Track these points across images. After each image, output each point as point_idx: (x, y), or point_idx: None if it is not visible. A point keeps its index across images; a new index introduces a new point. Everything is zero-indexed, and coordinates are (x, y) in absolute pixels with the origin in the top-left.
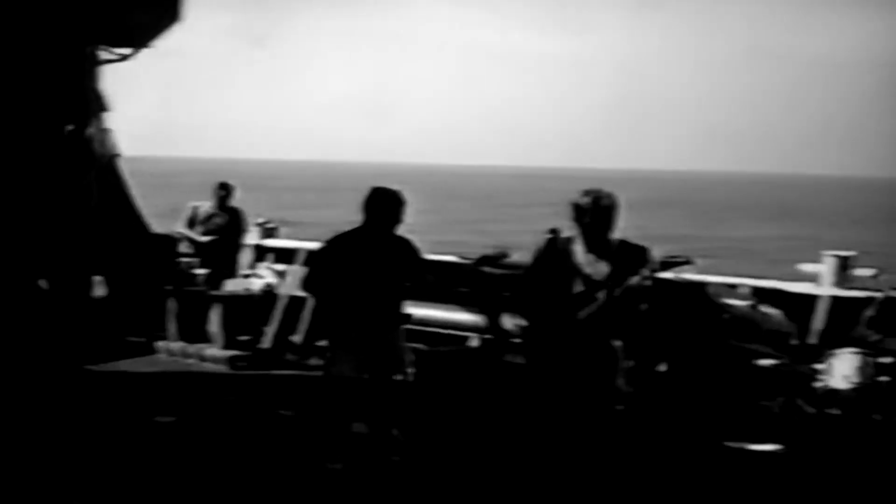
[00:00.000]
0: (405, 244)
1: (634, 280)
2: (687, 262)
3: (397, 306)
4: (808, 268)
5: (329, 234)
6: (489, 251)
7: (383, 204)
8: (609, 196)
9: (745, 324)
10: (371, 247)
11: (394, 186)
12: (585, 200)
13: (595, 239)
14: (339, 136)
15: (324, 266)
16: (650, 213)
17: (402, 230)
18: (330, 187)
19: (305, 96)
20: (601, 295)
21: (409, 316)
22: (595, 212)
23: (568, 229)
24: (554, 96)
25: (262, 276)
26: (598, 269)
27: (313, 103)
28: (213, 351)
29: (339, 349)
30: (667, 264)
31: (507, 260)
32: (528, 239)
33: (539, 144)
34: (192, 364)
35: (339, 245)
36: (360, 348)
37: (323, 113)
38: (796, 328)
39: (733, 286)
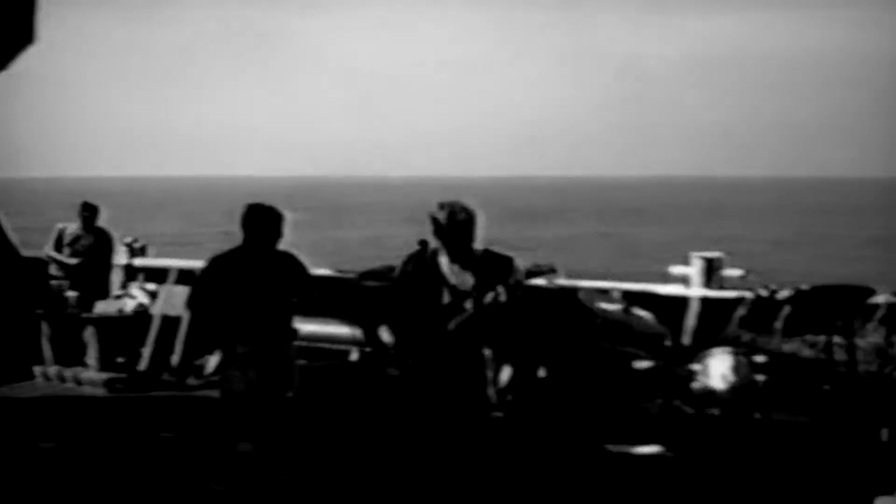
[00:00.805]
0: (290, 259)
1: (500, 290)
2: (552, 271)
3: (287, 322)
4: (677, 270)
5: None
6: (374, 266)
7: (261, 220)
8: (465, 209)
9: (618, 327)
10: (255, 264)
11: (267, 202)
12: (441, 214)
13: (457, 250)
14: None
15: (208, 285)
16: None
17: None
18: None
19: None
20: (468, 305)
21: (296, 331)
22: (451, 225)
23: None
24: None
25: (135, 297)
26: (464, 279)
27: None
28: (90, 374)
29: (230, 366)
30: (532, 273)
31: (393, 274)
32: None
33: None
34: (70, 388)
35: (222, 263)
36: (251, 364)
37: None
38: (669, 330)
39: (604, 290)
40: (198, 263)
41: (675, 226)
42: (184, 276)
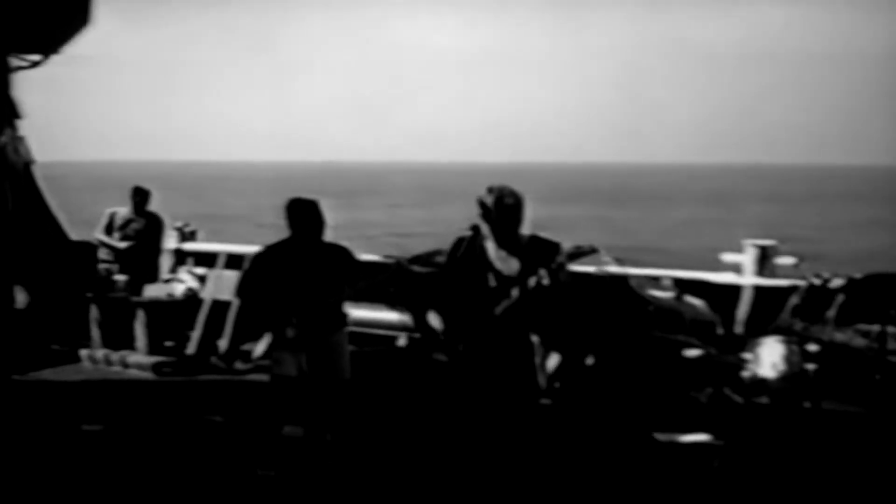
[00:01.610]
0: (339, 250)
1: (542, 273)
2: (593, 251)
3: (338, 308)
4: (730, 258)
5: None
6: (421, 251)
7: (303, 215)
8: (512, 194)
9: (669, 315)
10: (304, 254)
11: (309, 196)
12: (490, 199)
13: (504, 235)
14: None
15: (258, 274)
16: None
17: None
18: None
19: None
20: (514, 291)
21: (346, 318)
22: (499, 210)
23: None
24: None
25: (184, 281)
26: (510, 265)
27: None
28: (138, 357)
29: (281, 350)
30: (573, 255)
31: (440, 258)
32: None
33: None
34: (117, 371)
35: (273, 253)
36: (302, 349)
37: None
38: (721, 318)
39: (656, 278)
40: (246, 249)
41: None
42: (233, 261)
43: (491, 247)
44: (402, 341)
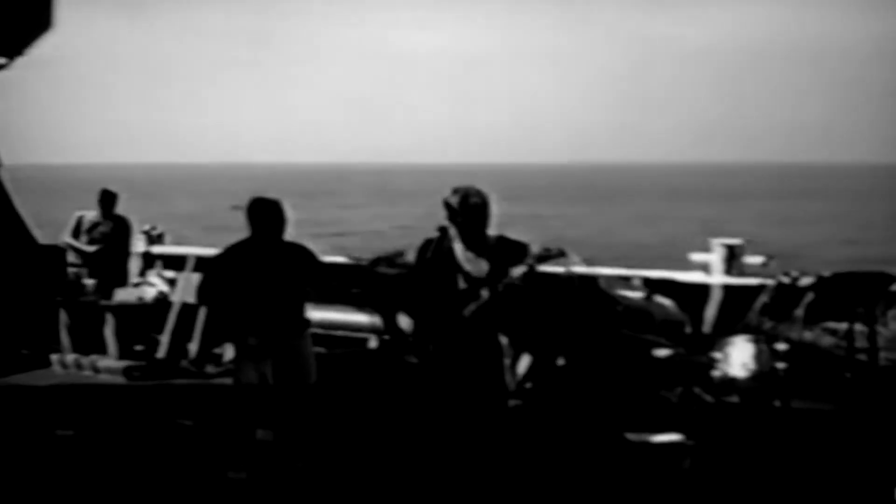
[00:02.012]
0: (301, 250)
1: (513, 275)
2: (561, 255)
3: (299, 312)
4: (698, 257)
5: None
6: (384, 252)
7: (265, 212)
8: (478, 193)
9: (639, 315)
10: (264, 255)
11: (272, 196)
12: (455, 199)
13: (471, 236)
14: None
15: (218, 276)
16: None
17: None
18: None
19: None
20: (483, 292)
21: (309, 322)
22: (465, 210)
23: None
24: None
25: (153, 284)
26: (479, 266)
27: None
28: (108, 362)
29: (243, 358)
30: (542, 258)
31: (403, 259)
32: None
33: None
34: (88, 376)
35: (232, 255)
36: (263, 356)
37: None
38: (689, 318)
39: (625, 278)
40: (216, 251)
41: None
42: (202, 264)
43: (459, 248)
44: (372, 343)
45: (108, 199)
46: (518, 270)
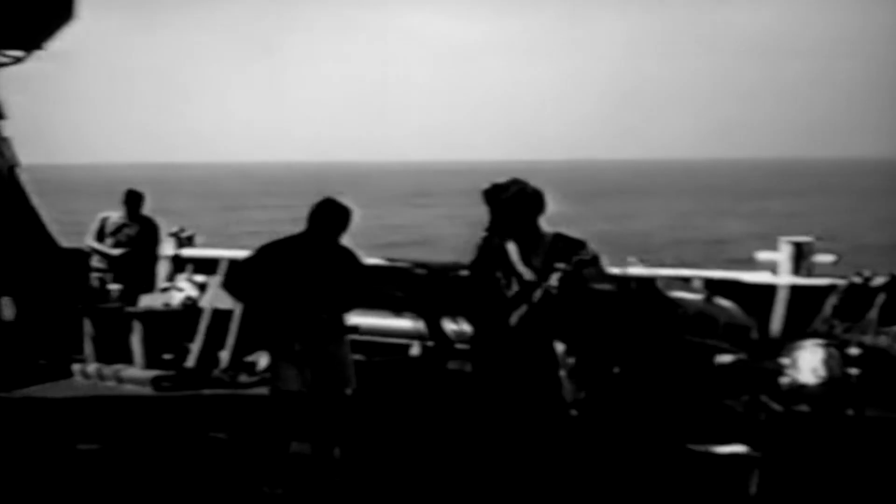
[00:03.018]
0: (347, 253)
1: (553, 278)
2: (594, 260)
3: (341, 317)
4: (764, 256)
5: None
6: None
7: (332, 215)
8: (516, 183)
9: (700, 318)
10: (314, 253)
11: (344, 202)
12: (491, 192)
13: (521, 234)
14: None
15: (258, 268)
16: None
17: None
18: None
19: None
20: (536, 295)
21: (355, 328)
22: (501, 203)
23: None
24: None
25: (182, 289)
26: (531, 266)
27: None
28: (134, 372)
29: (285, 364)
30: (580, 264)
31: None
32: None
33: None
34: (112, 387)
35: (278, 248)
36: (307, 363)
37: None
38: (755, 321)
39: (685, 279)
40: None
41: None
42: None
43: (512, 248)
44: (415, 350)
45: (133, 200)
46: (554, 275)
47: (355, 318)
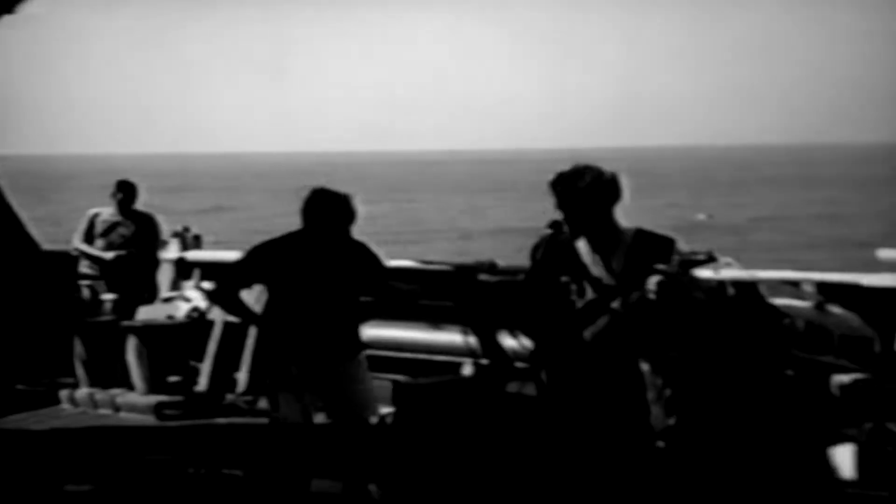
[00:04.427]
0: (362, 249)
1: (651, 281)
2: (710, 259)
3: (355, 329)
4: (887, 254)
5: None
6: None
7: (328, 208)
8: (590, 170)
9: (812, 331)
10: (318, 253)
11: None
12: (561, 181)
13: (595, 231)
14: None
15: (248, 277)
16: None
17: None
18: None
19: None
20: (615, 303)
21: (369, 343)
22: (573, 193)
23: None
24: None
25: (189, 299)
26: (610, 269)
27: None
28: (132, 397)
29: (281, 389)
30: (687, 263)
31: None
32: None
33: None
34: (106, 415)
35: (271, 252)
36: (307, 387)
37: None
38: (878, 333)
39: (793, 283)
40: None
41: None
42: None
43: (583, 247)
44: (467, 370)
45: (126, 193)
46: (653, 279)
47: (394, 331)
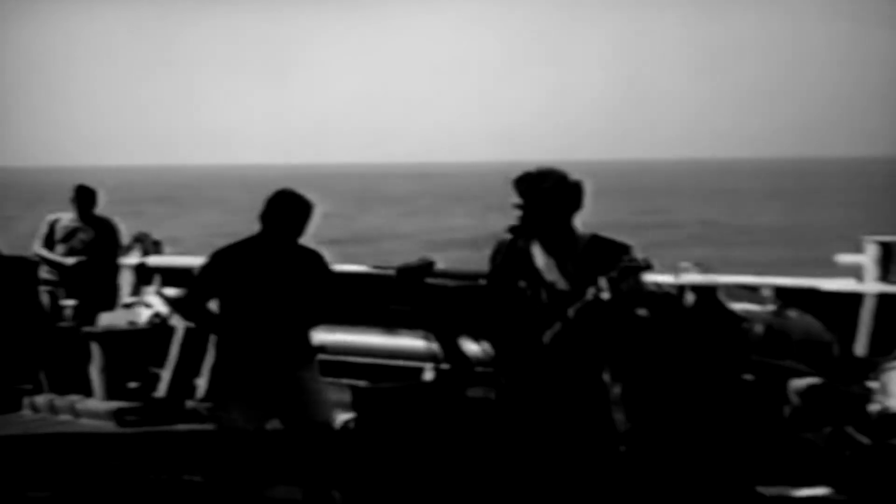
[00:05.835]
0: (313, 256)
1: (601, 284)
2: (647, 267)
3: (306, 335)
4: (846, 258)
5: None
6: (411, 261)
7: (288, 209)
8: (552, 174)
9: (771, 335)
10: (271, 258)
11: (300, 191)
12: (521, 185)
13: (550, 235)
14: None
15: (210, 282)
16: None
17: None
18: None
19: None
20: (570, 310)
21: (321, 347)
22: (535, 197)
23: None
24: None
25: (150, 305)
26: (564, 275)
27: None
28: (93, 404)
29: (229, 396)
30: (627, 270)
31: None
32: None
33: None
34: (66, 421)
35: (230, 255)
36: (257, 393)
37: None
38: (837, 337)
39: (751, 287)
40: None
41: None
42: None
43: (538, 252)
44: (428, 374)
45: (85, 198)
46: (603, 283)
47: (355, 337)
